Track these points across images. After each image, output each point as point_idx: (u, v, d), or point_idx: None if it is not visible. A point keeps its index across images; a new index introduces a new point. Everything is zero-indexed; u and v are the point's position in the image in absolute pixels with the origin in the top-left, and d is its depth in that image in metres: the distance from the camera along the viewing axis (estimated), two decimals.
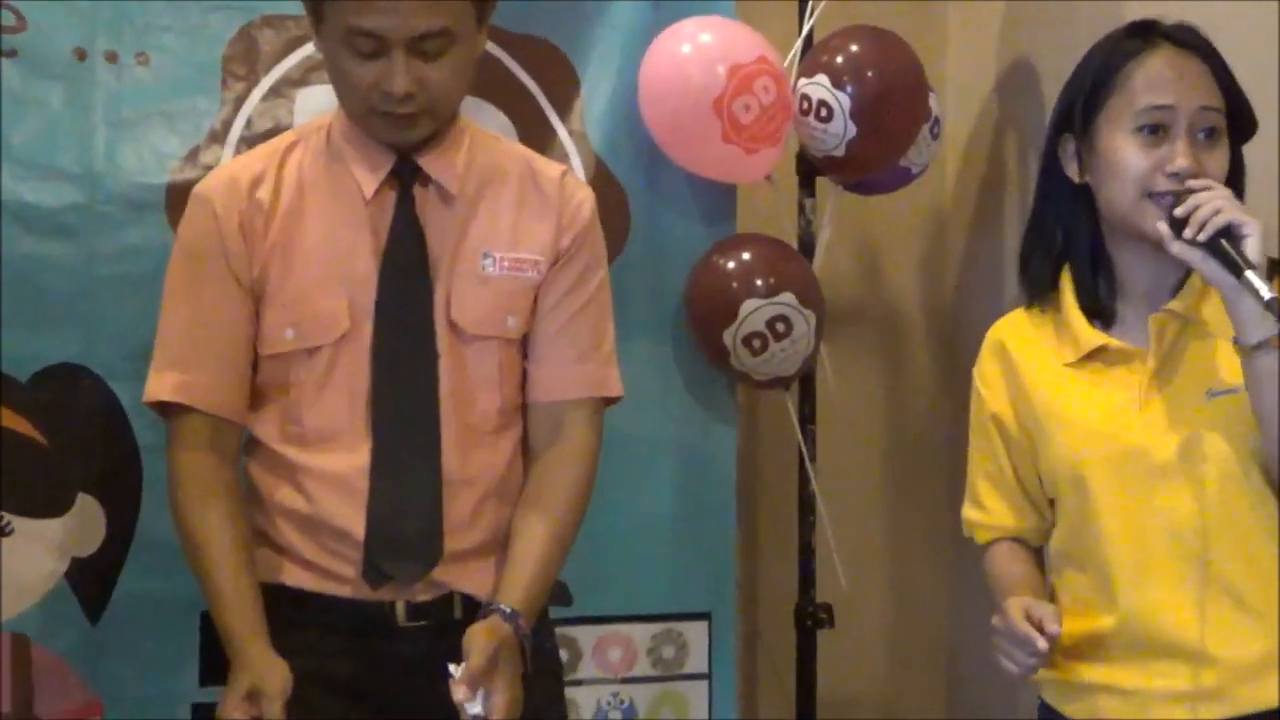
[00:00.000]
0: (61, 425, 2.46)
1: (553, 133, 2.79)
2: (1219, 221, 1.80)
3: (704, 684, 2.87)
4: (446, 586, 2.04)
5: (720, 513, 2.89)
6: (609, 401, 2.18)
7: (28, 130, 2.49)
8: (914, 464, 3.38)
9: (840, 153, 2.88)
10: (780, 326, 2.83)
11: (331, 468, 2.02)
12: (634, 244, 2.82)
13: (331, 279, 2.03)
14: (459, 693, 1.84)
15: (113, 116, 2.54)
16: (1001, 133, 3.28)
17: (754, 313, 2.81)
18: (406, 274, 2.04)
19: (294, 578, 2.05)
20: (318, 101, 2.63)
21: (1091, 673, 1.95)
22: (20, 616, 2.45)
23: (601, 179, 2.79)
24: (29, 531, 2.44)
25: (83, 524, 2.46)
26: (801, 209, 3.03)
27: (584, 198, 2.16)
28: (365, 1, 1.92)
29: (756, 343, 2.82)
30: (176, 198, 2.52)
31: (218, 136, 2.58)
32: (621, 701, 2.82)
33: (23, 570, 2.44)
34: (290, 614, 2.03)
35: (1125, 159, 1.90)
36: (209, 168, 2.54)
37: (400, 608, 2.03)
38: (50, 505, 2.45)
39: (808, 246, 3.02)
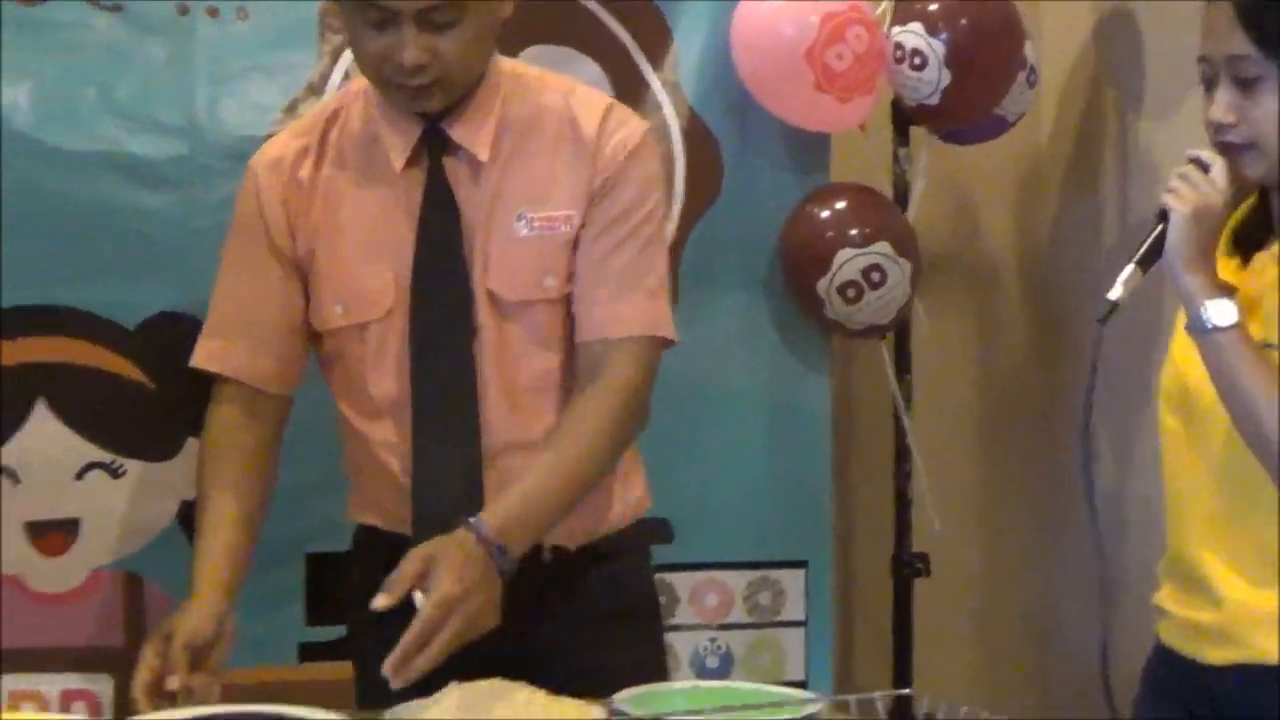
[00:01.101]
0: (168, 371, 2.50)
1: (645, 84, 2.80)
2: (1158, 203, 1.83)
3: (800, 631, 2.88)
4: None
5: (815, 462, 2.90)
6: (662, 344, 2.07)
7: (131, 84, 2.53)
8: (1009, 413, 3.37)
9: (934, 101, 2.86)
10: (875, 276, 2.82)
11: (386, 439, 2.06)
12: (727, 194, 2.82)
13: (375, 255, 2.03)
14: (378, 600, 1.80)
15: (213, 70, 2.57)
16: (1099, 82, 3.24)
17: (848, 262, 2.81)
18: (441, 248, 2.01)
19: (386, 523, 2.09)
20: None
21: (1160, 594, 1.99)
22: (133, 556, 2.52)
23: (694, 130, 2.80)
24: (140, 474, 2.50)
25: (192, 467, 2.49)
26: (896, 158, 3.02)
27: (625, 133, 2.05)
28: None
29: (851, 292, 2.82)
30: None
31: (315, 89, 2.61)
32: (718, 647, 2.85)
33: (135, 511, 2.50)
34: (388, 558, 2.06)
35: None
36: None
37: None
38: (160, 448, 2.51)
39: (902, 196, 3.01)
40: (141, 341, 2.50)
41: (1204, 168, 1.84)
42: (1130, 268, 1.84)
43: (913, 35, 2.84)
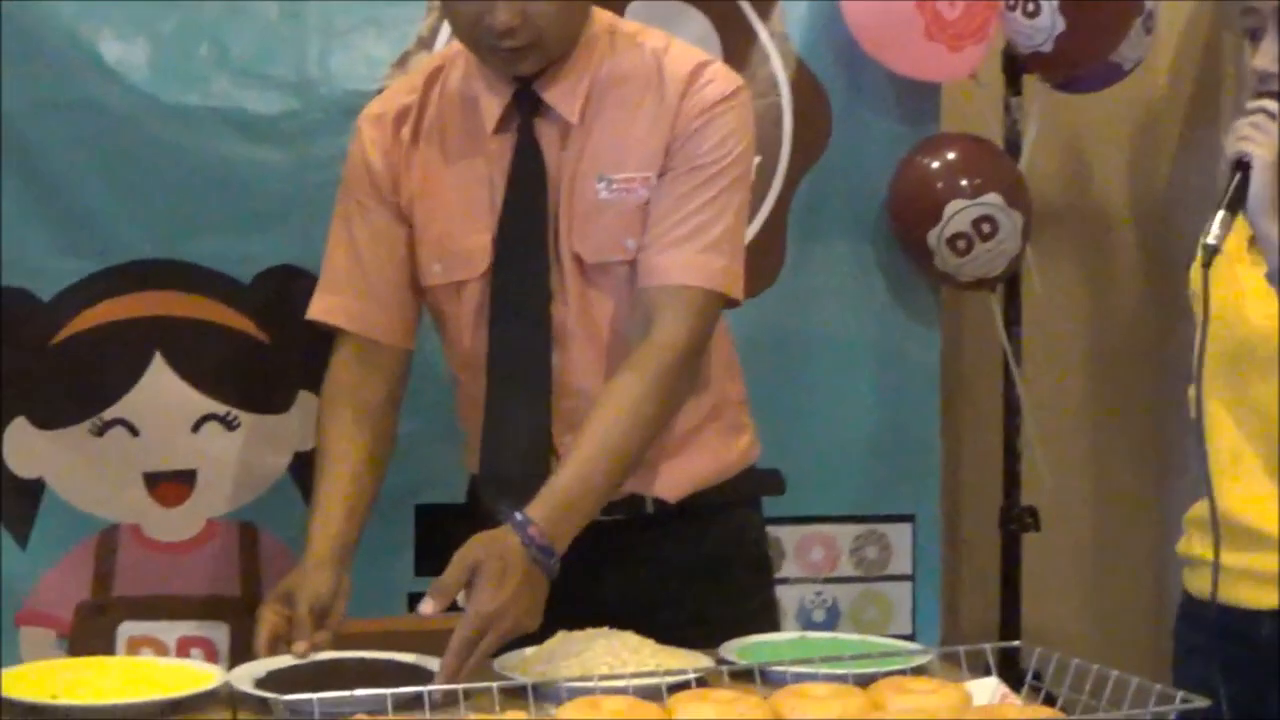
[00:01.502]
0: (282, 324, 2.55)
1: (753, 35, 2.78)
2: (1231, 152, 1.79)
3: (907, 585, 2.87)
4: (627, 491, 2.04)
5: (924, 414, 2.88)
6: (722, 300, 2.00)
7: (245, 41, 2.56)
8: (1121, 366, 3.32)
9: (1048, 48, 2.82)
10: (986, 227, 2.79)
11: (477, 394, 2.07)
12: (836, 146, 2.80)
13: (471, 214, 2.04)
14: (424, 605, 1.78)
15: (325, 25, 2.59)
16: (1218, 28, 3.17)
17: (959, 213, 2.78)
18: (526, 210, 2.01)
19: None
20: None
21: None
22: (247, 507, 2.57)
23: (803, 80, 2.78)
24: (255, 426, 2.55)
25: (304, 419, 2.54)
26: (1008, 108, 2.98)
27: (710, 91, 1.99)
28: None
29: (961, 244, 2.79)
30: None
31: (425, 42, 2.63)
32: (824, 601, 2.85)
33: (250, 462, 2.55)
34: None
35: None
36: None
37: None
38: (274, 401, 2.55)
39: (1014, 146, 2.97)
40: (256, 295, 2.54)
41: (1273, 116, 1.81)
42: (1222, 213, 1.81)
43: None
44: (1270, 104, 1.82)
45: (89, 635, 2.49)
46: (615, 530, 2.01)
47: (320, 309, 2.13)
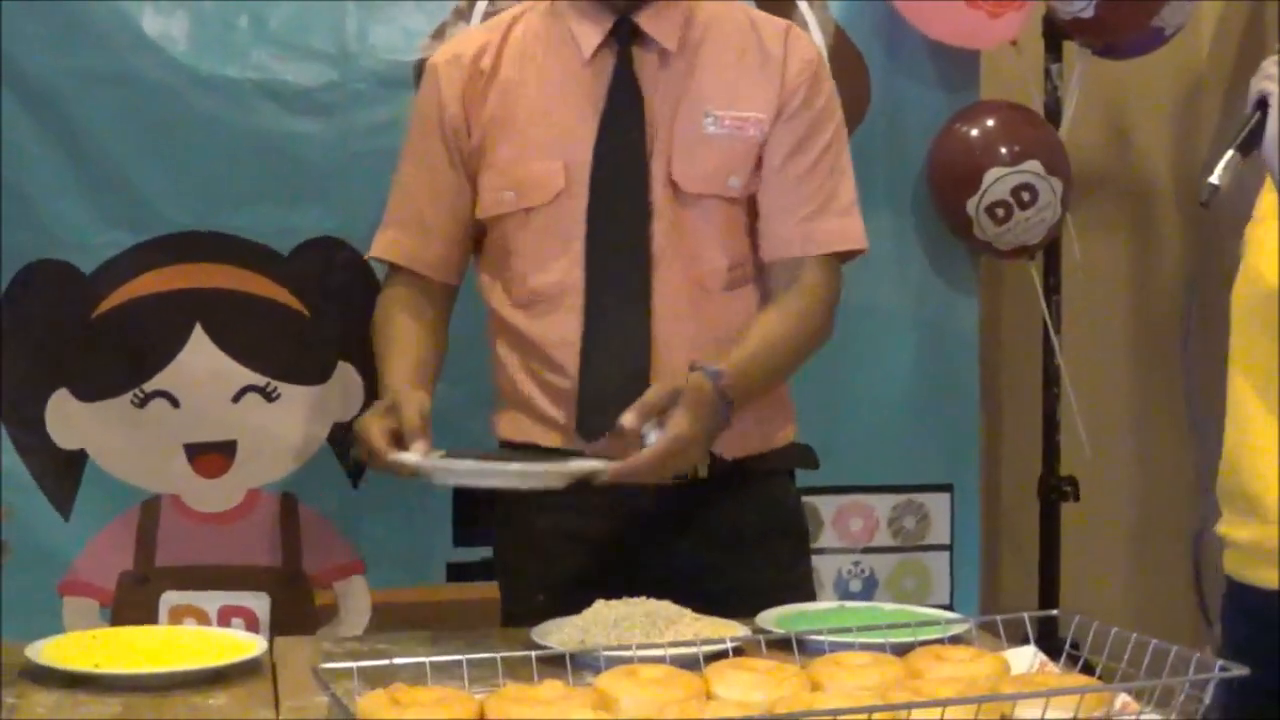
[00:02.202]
0: (321, 296, 2.56)
1: (792, 2, 2.77)
2: (1254, 91, 1.76)
3: (945, 555, 2.87)
4: None
5: (962, 384, 2.87)
6: (852, 255, 2.15)
7: (284, 13, 2.57)
8: (1161, 337, 3.30)
9: (1089, 14, 2.80)
10: (1025, 195, 2.78)
11: (552, 330, 2.07)
12: (874, 113, 2.79)
13: (549, 141, 2.06)
14: (625, 418, 1.84)
15: None
16: None
17: (998, 181, 2.76)
18: (623, 134, 2.05)
19: (542, 437, 2.10)
20: None
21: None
22: (288, 478, 2.58)
23: (840, 47, 2.76)
24: (294, 397, 2.56)
25: (343, 390, 2.56)
26: (1048, 74, 2.96)
27: (810, 54, 2.12)
28: None
29: (1000, 212, 2.77)
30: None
31: (463, 13, 2.62)
32: (862, 571, 2.84)
33: (289, 434, 2.56)
34: None
35: None
36: None
37: None
38: (313, 372, 2.56)
39: (1054, 113, 2.95)
40: (295, 267, 2.55)
41: None
42: (1230, 152, 1.78)
43: None
44: None
45: (131, 605, 2.51)
46: (668, 494, 2.02)
47: (382, 246, 2.17)
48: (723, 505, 2.10)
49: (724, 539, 2.10)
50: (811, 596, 2.15)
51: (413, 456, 1.85)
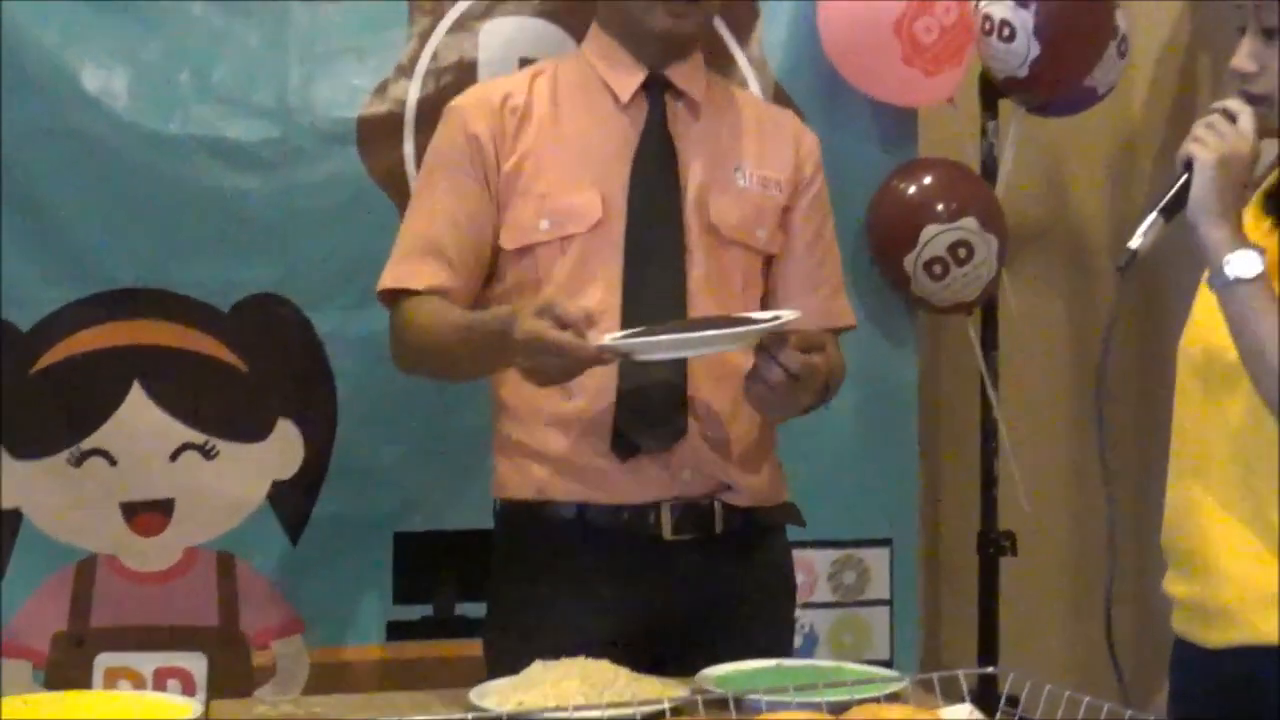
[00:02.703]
0: (261, 353, 2.55)
1: (732, 59, 2.79)
2: (1181, 154, 1.79)
3: (885, 610, 2.88)
4: (705, 473, 2.08)
5: (902, 439, 2.89)
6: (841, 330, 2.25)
7: (226, 69, 2.57)
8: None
9: (1023, 73, 2.84)
10: (962, 252, 2.81)
11: None
12: None
13: (585, 175, 2.11)
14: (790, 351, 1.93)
15: (306, 53, 2.61)
16: (1193, 50, 3.19)
17: (935, 238, 2.79)
18: (658, 174, 2.12)
19: (559, 489, 2.09)
20: (502, 34, 2.67)
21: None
22: (226, 536, 2.56)
23: (781, 105, 2.78)
24: (233, 455, 2.55)
25: (283, 448, 2.56)
26: (984, 132, 3.00)
27: (814, 136, 2.27)
28: None
29: (937, 268, 2.80)
30: (367, 131, 2.60)
31: (405, 70, 2.64)
32: (802, 627, 2.84)
33: (227, 492, 2.55)
34: (555, 541, 2.10)
35: None
36: (398, 101, 2.61)
37: (665, 511, 2.07)
38: (252, 430, 2.55)
39: (990, 170, 2.98)
40: (235, 323, 2.55)
41: (1231, 117, 1.79)
42: (1152, 216, 1.81)
43: (1001, 7, 2.82)
44: (1232, 103, 1.80)
45: (66, 667, 2.49)
46: (683, 552, 2.07)
47: (400, 276, 2.14)
48: (733, 561, 2.13)
49: (737, 594, 2.13)
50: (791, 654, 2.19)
51: (609, 337, 1.91)
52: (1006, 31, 2.81)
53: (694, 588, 2.10)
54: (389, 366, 2.56)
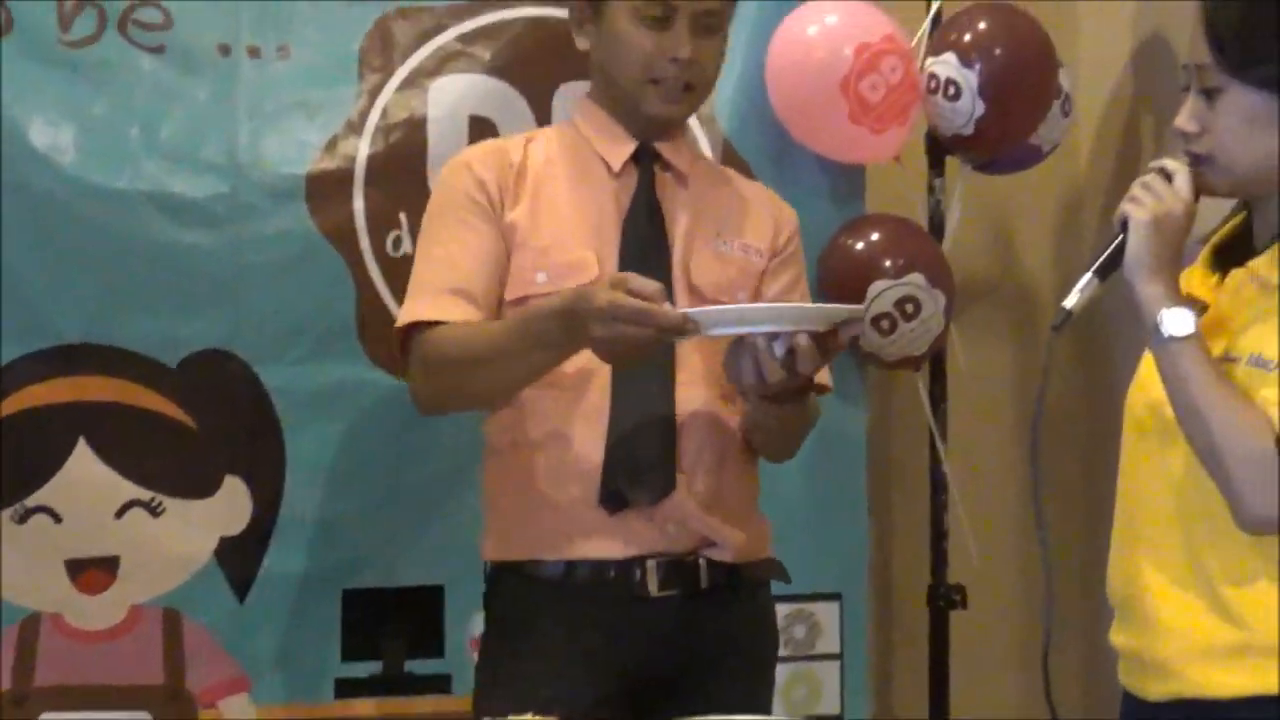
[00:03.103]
0: (209, 408, 2.55)
1: None
2: (1118, 214, 1.81)
3: (836, 664, 2.88)
4: (690, 528, 2.10)
5: (851, 493, 2.90)
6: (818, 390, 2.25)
7: (175, 124, 2.58)
8: (1047, 443, 3.34)
9: (969, 131, 2.87)
10: (909, 307, 2.83)
11: (580, 405, 2.10)
12: None
13: (579, 234, 2.15)
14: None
15: (255, 109, 2.61)
16: (1137, 109, 3.24)
17: (882, 293, 2.81)
18: (647, 237, 2.17)
19: (546, 547, 2.10)
20: (452, 91, 2.69)
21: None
22: (172, 593, 2.54)
23: (729, 162, 2.79)
24: (179, 511, 2.53)
25: (230, 504, 2.54)
26: (931, 189, 3.02)
27: (793, 211, 2.32)
28: None
29: (885, 323, 2.82)
30: (316, 187, 2.61)
31: (355, 127, 2.65)
32: None
33: (174, 549, 2.53)
34: (541, 600, 2.11)
35: None
36: (348, 157, 2.62)
37: (651, 567, 2.08)
38: (199, 486, 2.54)
39: (938, 226, 3.01)
40: (182, 379, 2.54)
41: (1168, 176, 1.82)
42: (1088, 276, 1.83)
43: (946, 66, 2.85)
44: (1169, 162, 1.82)
45: None
46: (669, 608, 2.09)
47: (417, 311, 2.12)
48: (721, 614, 2.14)
49: (712, 651, 2.13)
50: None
51: (682, 309, 1.93)
52: (952, 90, 2.85)
53: (678, 643, 2.11)
54: (338, 421, 2.59)
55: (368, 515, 2.59)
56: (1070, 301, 1.83)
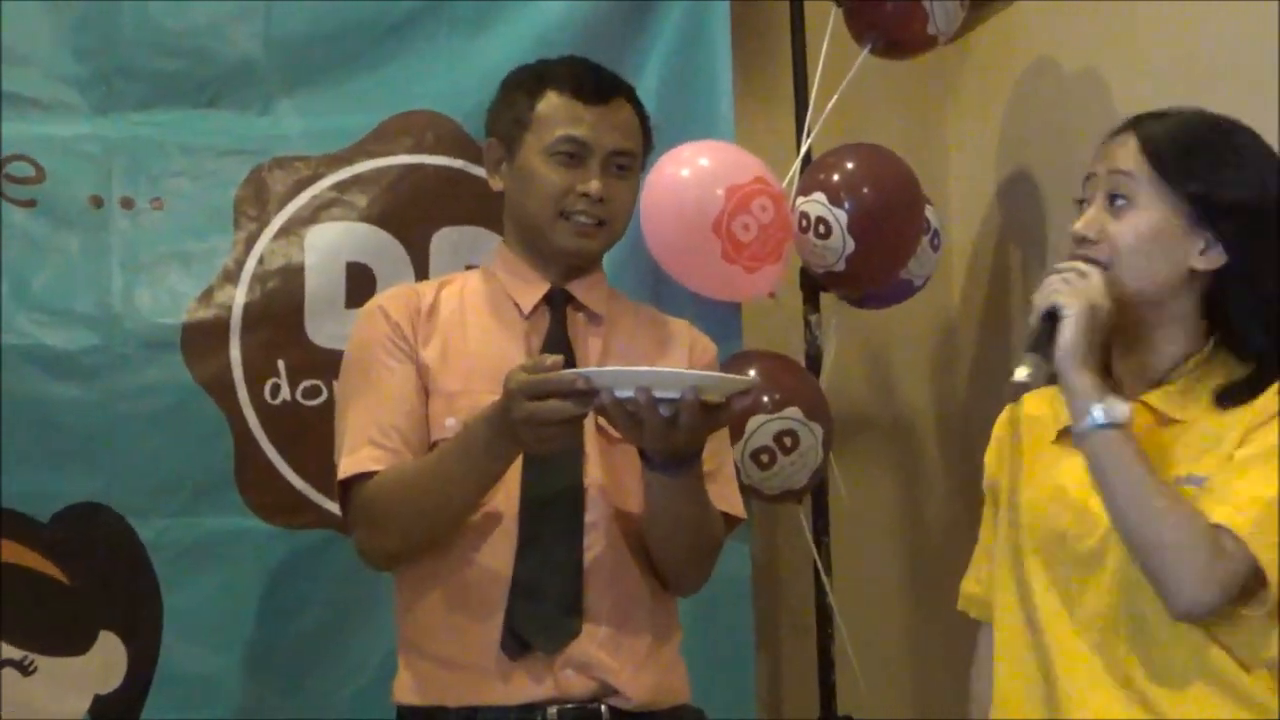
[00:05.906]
0: (82, 563, 2.51)
1: None
2: (1041, 304, 1.79)
3: None
4: (593, 675, 2.08)
5: (738, 627, 2.90)
6: (731, 523, 2.26)
7: (46, 276, 2.58)
8: (932, 570, 3.39)
9: (841, 267, 2.92)
10: (787, 441, 2.85)
11: (486, 556, 2.09)
12: None
13: (488, 378, 2.11)
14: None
15: (129, 260, 2.62)
16: (1005, 241, 3.32)
17: (760, 428, 2.84)
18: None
19: (450, 694, 2.08)
20: (329, 238, 2.71)
21: None
22: None
23: None
24: (52, 670, 2.49)
25: (105, 661, 2.50)
26: (807, 324, 3.07)
27: (710, 344, 2.35)
28: (579, 115, 2.17)
29: (765, 457, 2.85)
30: (192, 336, 2.60)
31: (231, 275, 2.65)
32: None
33: (46, 708, 2.48)
34: None
35: None
36: (224, 306, 2.62)
37: (552, 715, 2.06)
38: (72, 643, 2.50)
39: (815, 361, 3.05)
40: (54, 534, 2.50)
41: (1082, 275, 1.81)
42: (1032, 354, 1.78)
43: (817, 205, 2.91)
44: (1082, 265, 1.81)
45: None
46: None
47: (359, 463, 2.11)
48: None
49: None
50: None
51: (582, 370, 1.95)
52: (823, 228, 2.90)
53: None
54: (215, 574, 2.56)
55: (247, 668, 2.55)
56: (1025, 376, 1.76)
